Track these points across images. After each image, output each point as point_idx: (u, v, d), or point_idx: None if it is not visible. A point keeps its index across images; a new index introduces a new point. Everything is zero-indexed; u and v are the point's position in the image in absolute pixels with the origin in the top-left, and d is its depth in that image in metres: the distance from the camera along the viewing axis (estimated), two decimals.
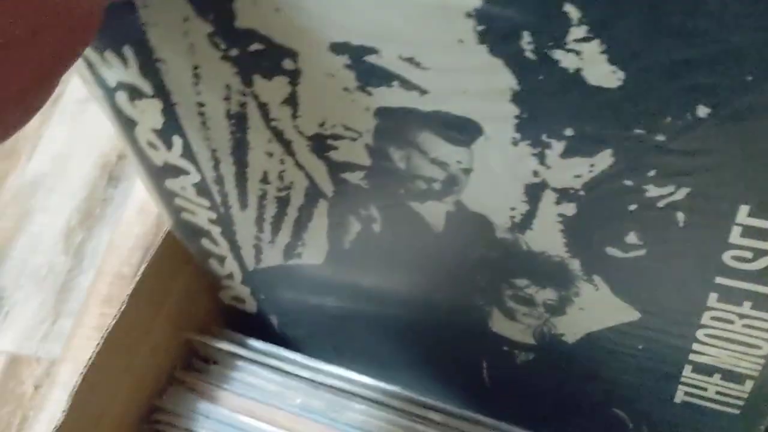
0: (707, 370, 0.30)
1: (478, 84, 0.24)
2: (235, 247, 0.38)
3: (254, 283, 0.41)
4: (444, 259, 0.32)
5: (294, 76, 0.27)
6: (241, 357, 0.41)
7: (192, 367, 0.42)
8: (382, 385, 0.38)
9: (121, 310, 0.37)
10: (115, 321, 0.37)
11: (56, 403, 0.52)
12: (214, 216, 0.36)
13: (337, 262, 0.36)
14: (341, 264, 0.36)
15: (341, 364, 0.40)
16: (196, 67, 0.28)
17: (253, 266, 0.39)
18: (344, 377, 0.39)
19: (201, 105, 0.30)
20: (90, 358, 0.36)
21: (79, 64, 0.31)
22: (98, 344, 0.36)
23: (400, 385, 0.38)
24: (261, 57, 0.27)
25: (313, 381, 0.39)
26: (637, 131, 0.23)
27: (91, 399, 0.36)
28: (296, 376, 0.40)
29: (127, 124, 0.33)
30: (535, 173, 0.26)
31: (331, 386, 0.39)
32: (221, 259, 0.40)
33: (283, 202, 0.33)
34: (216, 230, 0.37)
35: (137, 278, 0.38)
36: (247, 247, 0.38)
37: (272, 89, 0.28)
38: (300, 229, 0.35)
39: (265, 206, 0.34)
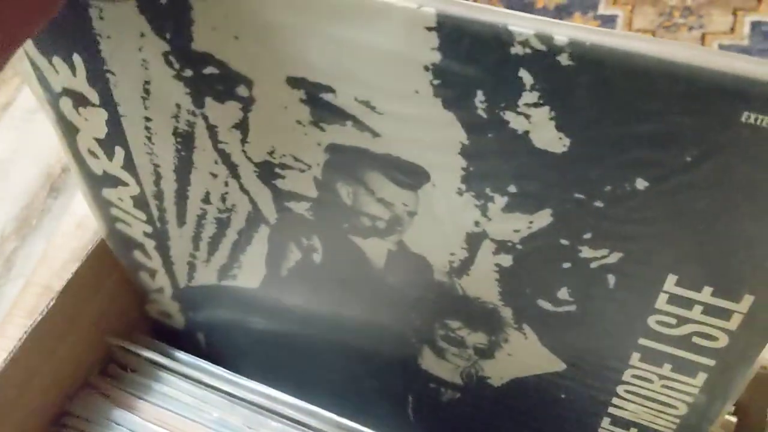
0: (625, 424, 0.31)
1: (429, 134, 0.24)
2: (167, 263, 0.37)
3: (184, 300, 0.40)
4: (381, 294, 0.32)
5: (247, 103, 0.27)
6: (160, 366, 0.40)
7: (108, 374, 0.41)
8: (300, 403, 0.38)
9: (41, 316, 0.36)
10: (32, 326, 0.36)
11: None
12: (149, 229, 0.36)
13: (273, 286, 0.35)
14: (276, 289, 0.35)
15: (266, 384, 0.39)
16: (146, 83, 0.28)
17: (184, 283, 0.38)
18: (263, 393, 0.38)
19: (148, 120, 0.29)
20: (5, 359, 0.34)
21: (25, 65, 0.30)
22: (12, 349, 0.35)
23: (322, 407, 0.38)
24: (215, 81, 0.26)
25: (231, 395, 0.39)
26: (578, 195, 0.24)
27: (2, 398, 0.35)
28: (215, 389, 0.39)
29: (69, 130, 0.32)
30: (477, 223, 0.26)
31: (249, 402, 0.39)
32: (152, 273, 0.39)
33: (222, 224, 0.33)
34: (150, 244, 0.37)
35: (62, 283, 0.37)
36: (181, 264, 0.37)
37: (223, 113, 0.27)
38: (238, 251, 0.34)
39: (203, 226, 0.34)
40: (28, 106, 0.88)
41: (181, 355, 0.40)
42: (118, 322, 0.41)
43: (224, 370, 0.39)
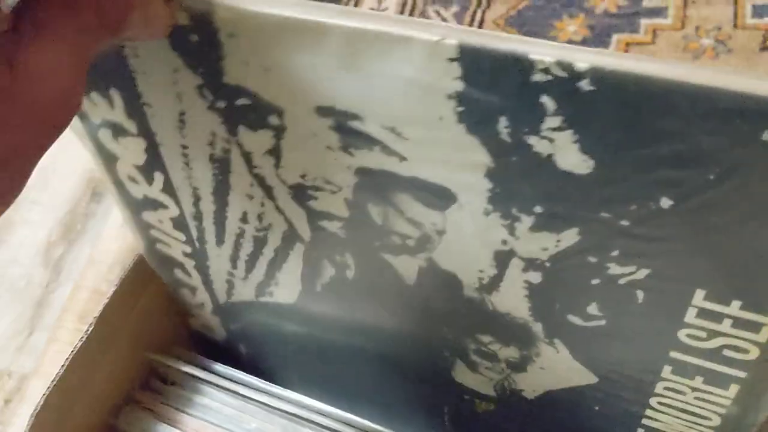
0: None
1: (454, 157, 0.25)
2: (207, 281, 0.39)
3: (224, 315, 0.41)
4: (413, 309, 0.33)
5: (279, 131, 0.27)
6: (199, 379, 0.41)
7: (150, 388, 0.42)
8: (336, 412, 0.39)
9: (91, 328, 0.37)
10: (82, 341, 0.37)
11: (24, 418, 0.52)
12: (189, 250, 0.37)
13: (308, 301, 0.36)
14: (312, 304, 0.36)
15: (306, 393, 0.40)
16: (182, 113, 0.29)
17: (224, 300, 0.40)
18: (300, 403, 0.39)
19: (185, 147, 0.31)
20: (55, 377, 0.36)
21: None
22: (64, 363, 0.36)
23: (359, 416, 0.39)
24: (247, 111, 0.27)
25: (269, 406, 0.40)
26: (603, 215, 0.24)
27: (51, 417, 0.36)
28: (253, 400, 0.40)
29: (109, 159, 0.33)
30: (504, 242, 0.27)
31: (286, 411, 0.39)
32: (193, 290, 0.40)
33: (259, 242, 0.34)
34: (190, 263, 0.38)
35: (107, 297, 0.38)
36: (220, 282, 0.38)
37: (256, 140, 0.28)
38: (274, 269, 0.35)
39: (241, 244, 0.35)
40: None
41: (219, 367, 0.41)
42: (158, 335, 0.43)
43: (261, 380, 0.40)
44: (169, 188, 0.33)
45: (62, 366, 0.36)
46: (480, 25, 0.71)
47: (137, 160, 0.32)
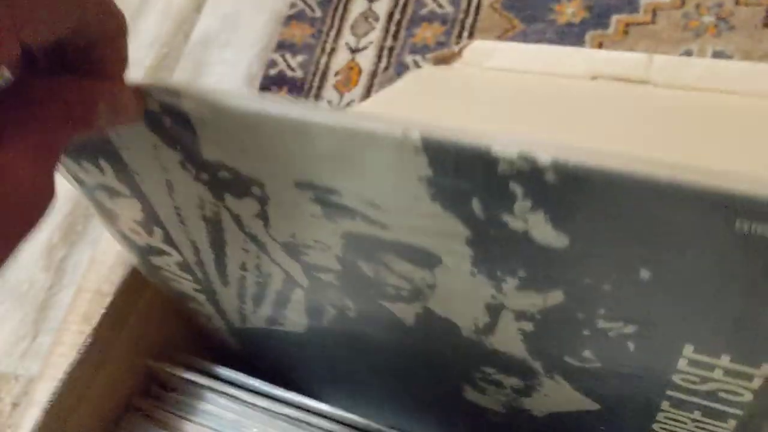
0: None
1: (434, 227, 0.25)
2: (220, 311, 0.40)
3: (240, 336, 0.42)
4: (416, 344, 0.34)
5: (263, 200, 0.28)
6: (199, 384, 0.42)
7: (150, 394, 0.43)
8: (340, 413, 0.39)
9: (89, 340, 0.38)
10: (80, 351, 0.37)
11: (33, 421, 0.54)
12: (198, 287, 0.38)
13: (317, 332, 0.37)
14: (321, 333, 0.37)
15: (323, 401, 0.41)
16: (169, 182, 0.29)
17: (239, 325, 0.41)
18: (302, 405, 0.40)
19: (177, 208, 0.31)
20: (54, 388, 0.37)
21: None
22: (67, 368, 0.37)
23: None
24: (230, 183, 0.27)
25: (270, 410, 0.40)
26: (586, 280, 0.24)
27: (53, 427, 0.37)
28: (254, 404, 0.40)
29: (109, 216, 0.34)
30: (493, 296, 0.27)
31: (287, 415, 0.40)
32: (208, 318, 0.41)
33: (262, 286, 0.35)
34: (201, 297, 0.39)
35: (104, 308, 0.39)
36: (232, 313, 0.39)
37: (243, 206, 0.29)
38: (280, 306, 0.36)
39: (245, 287, 0.35)
40: None
41: (220, 371, 0.42)
42: (157, 341, 0.43)
43: (262, 382, 0.40)
44: (169, 240, 0.34)
45: (61, 377, 0.37)
46: (477, 11, 0.69)
47: (136, 217, 0.33)
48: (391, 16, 0.84)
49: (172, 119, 0.25)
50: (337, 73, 0.82)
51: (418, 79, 0.60)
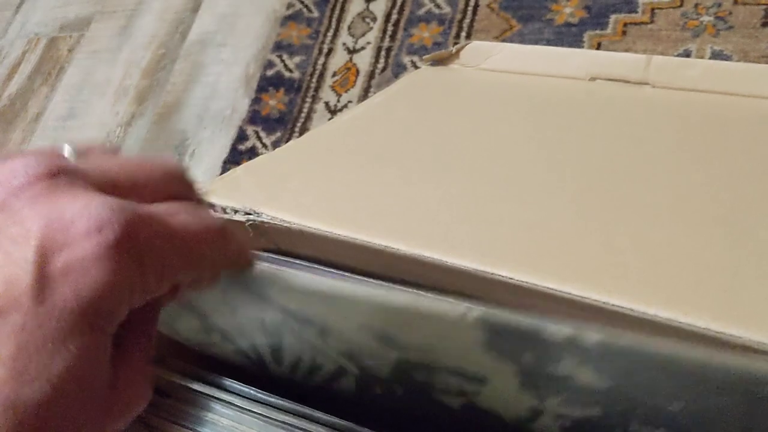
0: None
1: (487, 364, 0.25)
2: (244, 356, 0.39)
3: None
4: (458, 422, 0.33)
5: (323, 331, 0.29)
6: (195, 391, 0.41)
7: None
8: (337, 421, 0.39)
9: None
10: None
11: None
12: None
13: (368, 400, 0.37)
14: (372, 401, 0.37)
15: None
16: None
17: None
18: (297, 412, 0.39)
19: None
20: None
21: None
22: None
23: None
24: None
25: (266, 417, 0.40)
26: (622, 407, 0.24)
27: None
28: (250, 411, 0.40)
29: None
30: (537, 405, 0.27)
31: (284, 422, 0.40)
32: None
33: (315, 369, 0.35)
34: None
35: None
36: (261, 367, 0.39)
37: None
38: (332, 382, 0.36)
39: (299, 368, 0.35)
40: (59, 114, 0.91)
41: (214, 378, 0.41)
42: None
43: (258, 390, 0.40)
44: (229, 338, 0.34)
45: None
46: (474, 11, 0.69)
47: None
48: (388, 16, 0.84)
49: None
50: (334, 74, 0.82)
51: (415, 82, 0.60)
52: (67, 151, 0.22)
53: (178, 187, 0.24)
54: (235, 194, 0.36)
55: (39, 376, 0.18)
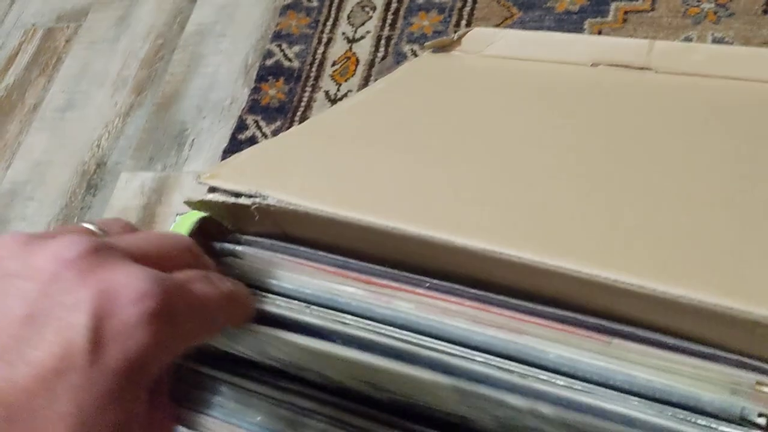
0: None
1: None
2: None
3: None
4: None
5: None
6: (201, 373, 0.41)
7: None
8: (343, 402, 0.39)
9: None
10: None
11: None
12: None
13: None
14: None
15: None
16: None
17: None
18: (305, 394, 0.39)
19: None
20: None
21: None
22: None
23: None
24: None
25: (274, 399, 0.40)
26: None
27: None
28: (257, 393, 0.40)
29: None
30: None
31: (291, 403, 0.40)
32: None
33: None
34: None
35: None
36: None
37: None
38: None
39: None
40: (57, 105, 0.91)
41: (223, 361, 0.41)
42: None
43: (265, 373, 0.40)
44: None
45: None
46: None
47: None
48: (388, 5, 0.84)
49: None
50: (334, 63, 0.82)
51: (417, 68, 0.59)
52: (93, 228, 0.25)
53: (191, 256, 0.27)
54: (240, 178, 0.36)
55: (93, 429, 0.21)
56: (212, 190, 0.38)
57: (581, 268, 0.27)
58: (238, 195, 0.35)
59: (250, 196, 0.34)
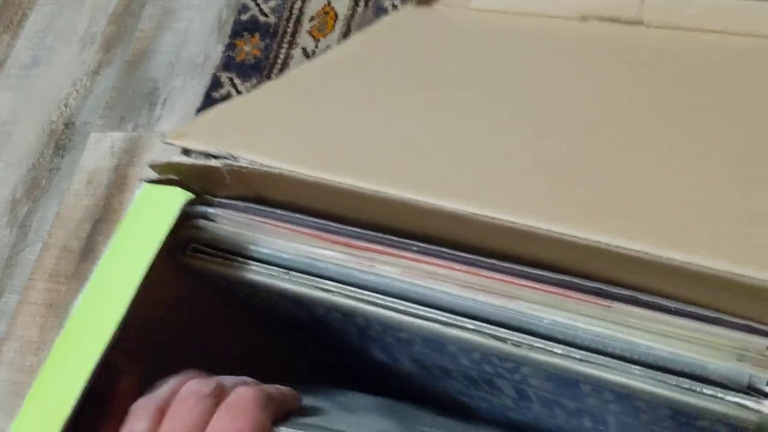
0: None
1: None
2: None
3: None
4: None
5: None
6: None
7: None
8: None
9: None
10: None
11: (1, 382, 0.52)
12: None
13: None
14: None
15: None
16: None
17: None
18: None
19: None
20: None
21: None
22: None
23: None
24: None
25: None
26: None
27: None
28: None
29: None
30: None
31: None
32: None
33: None
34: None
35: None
36: None
37: None
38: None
39: None
40: (22, 63, 0.87)
41: None
42: None
43: None
44: None
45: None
46: None
47: None
48: None
49: None
50: (312, 18, 0.79)
51: (398, 22, 0.57)
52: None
53: None
54: (210, 138, 0.34)
55: None
56: (186, 152, 0.36)
57: (578, 233, 0.25)
58: (207, 156, 0.33)
59: (221, 158, 0.32)
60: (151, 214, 0.31)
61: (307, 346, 0.38)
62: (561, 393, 0.28)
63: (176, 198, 0.32)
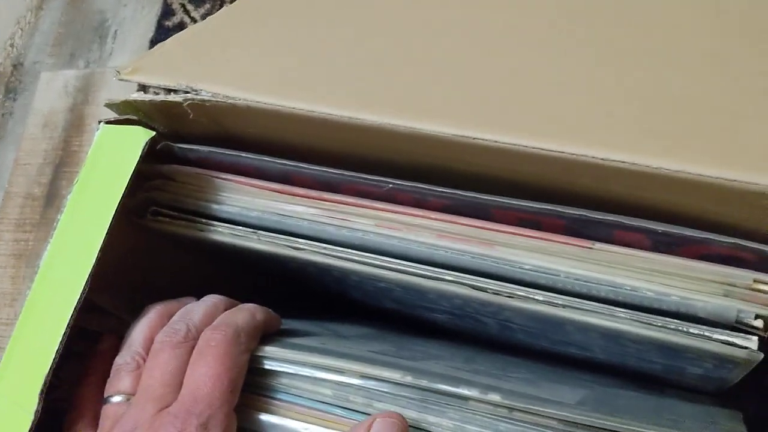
0: None
1: None
2: None
3: None
4: None
5: None
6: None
7: None
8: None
9: None
10: None
11: None
12: None
13: None
14: None
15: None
16: None
17: None
18: None
19: None
20: None
21: None
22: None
23: None
24: None
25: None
26: None
27: None
28: None
29: None
30: None
31: None
32: None
33: None
34: None
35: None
36: None
37: None
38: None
39: None
40: None
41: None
42: None
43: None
44: None
45: None
46: None
47: None
48: None
49: None
50: None
51: None
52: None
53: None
54: (168, 70, 0.31)
55: None
56: (143, 88, 0.34)
57: (563, 148, 0.24)
58: (167, 91, 0.31)
59: (181, 92, 0.30)
60: (113, 157, 0.30)
61: (283, 291, 0.37)
62: (546, 330, 0.28)
63: (137, 138, 0.30)
